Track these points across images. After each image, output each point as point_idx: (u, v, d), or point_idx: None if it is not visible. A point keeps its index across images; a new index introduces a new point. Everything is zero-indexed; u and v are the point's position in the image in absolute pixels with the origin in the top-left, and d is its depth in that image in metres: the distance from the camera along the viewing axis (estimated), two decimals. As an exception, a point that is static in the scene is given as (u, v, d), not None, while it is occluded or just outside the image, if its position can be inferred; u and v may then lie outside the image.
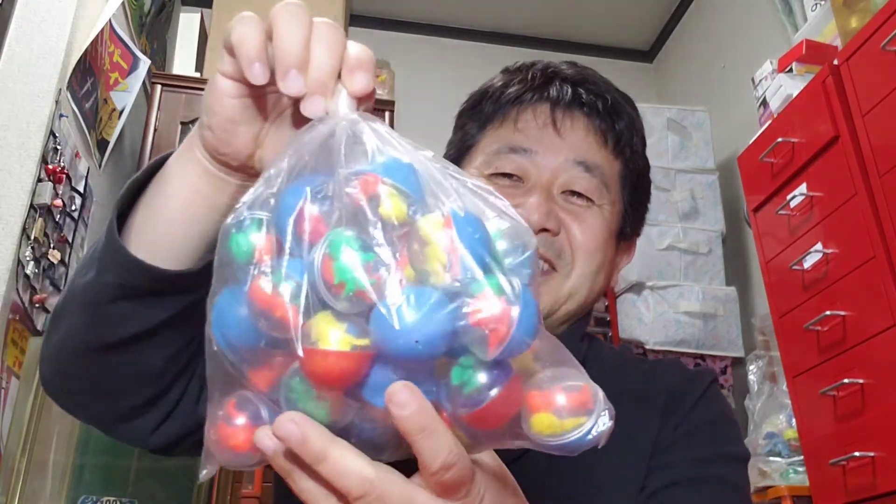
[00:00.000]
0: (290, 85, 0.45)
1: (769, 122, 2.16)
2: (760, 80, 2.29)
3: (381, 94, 2.86)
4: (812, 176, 1.92)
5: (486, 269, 0.39)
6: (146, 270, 0.56)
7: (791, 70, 2.13)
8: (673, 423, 0.79)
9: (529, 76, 0.86)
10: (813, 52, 2.11)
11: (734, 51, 3.10)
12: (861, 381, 1.69)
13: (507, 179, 0.82)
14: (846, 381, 1.71)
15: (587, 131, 0.83)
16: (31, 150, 1.73)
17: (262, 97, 0.52)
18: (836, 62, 1.87)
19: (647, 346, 2.62)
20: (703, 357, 2.70)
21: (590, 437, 0.40)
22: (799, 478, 2.02)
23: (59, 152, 1.83)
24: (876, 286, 1.67)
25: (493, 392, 0.39)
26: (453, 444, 0.39)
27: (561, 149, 0.82)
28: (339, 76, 0.47)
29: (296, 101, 0.47)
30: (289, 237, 0.41)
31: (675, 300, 2.67)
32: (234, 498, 1.90)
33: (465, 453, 0.40)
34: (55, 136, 1.81)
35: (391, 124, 2.68)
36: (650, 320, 2.65)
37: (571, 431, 0.40)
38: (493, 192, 0.44)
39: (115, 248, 0.56)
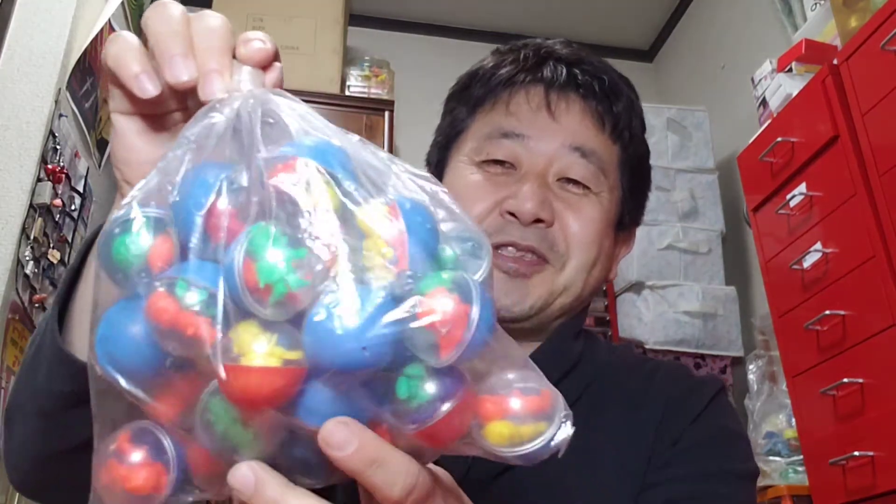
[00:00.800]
0: (177, 72, 0.40)
1: (769, 121, 2.16)
2: (760, 80, 2.29)
3: (381, 93, 2.86)
4: (812, 175, 1.92)
5: (438, 265, 0.35)
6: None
7: (791, 70, 2.13)
8: (671, 435, 0.74)
9: (521, 56, 0.81)
10: (812, 52, 2.11)
11: (734, 50, 3.10)
12: (861, 380, 1.69)
13: (499, 167, 0.78)
14: (846, 380, 1.71)
15: (583, 114, 0.78)
16: (31, 149, 1.73)
17: (171, 124, 0.46)
18: (835, 62, 1.87)
19: (647, 346, 2.62)
20: (702, 357, 2.70)
21: (551, 445, 0.36)
22: (798, 477, 2.02)
23: (58, 152, 1.83)
24: (875, 286, 1.67)
25: (447, 406, 0.34)
26: (409, 465, 0.35)
27: (556, 133, 0.77)
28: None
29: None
30: (196, 236, 0.34)
31: (675, 300, 2.67)
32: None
33: (422, 468, 0.36)
34: (55, 136, 1.81)
35: (391, 124, 2.68)
36: (650, 320, 2.65)
37: (531, 441, 0.36)
38: (438, 183, 0.39)
39: (61, 356, 0.51)
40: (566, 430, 0.37)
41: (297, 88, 2.52)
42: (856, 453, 1.65)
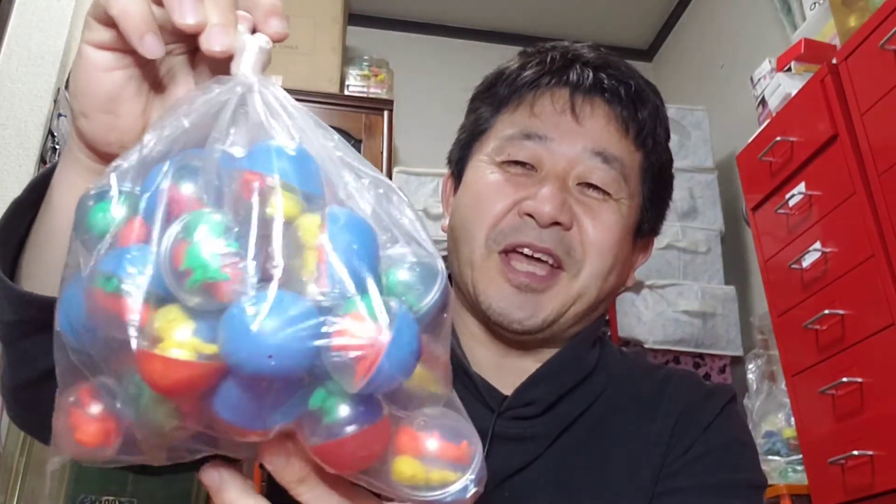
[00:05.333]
0: (186, 12, 0.39)
1: (768, 120, 2.16)
2: (759, 79, 2.29)
3: (380, 93, 2.86)
4: (811, 175, 1.92)
5: (362, 287, 0.33)
6: (37, 302, 0.49)
7: (790, 69, 2.13)
8: (684, 444, 0.75)
9: (548, 59, 0.80)
10: (811, 51, 2.11)
11: (733, 50, 3.10)
12: (860, 380, 1.69)
13: (519, 167, 0.77)
14: (845, 379, 1.71)
15: (608, 119, 0.78)
16: (30, 149, 1.72)
17: (143, 64, 0.45)
18: (834, 61, 1.87)
19: (647, 345, 2.62)
20: (701, 356, 2.70)
21: (450, 499, 0.35)
22: (798, 477, 2.02)
23: (57, 151, 1.82)
24: (874, 285, 1.67)
25: (352, 429, 0.33)
26: (338, 500, 0.37)
27: (578, 137, 0.76)
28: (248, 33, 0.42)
29: (191, 55, 0.44)
30: (151, 219, 0.34)
31: (674, 299, 2.67)
32: (233, 497, 1.90)
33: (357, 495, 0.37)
34: (54, 136, 1.80)
35: (390, 123, 2.68)
36: (649, 319, 2.64)
37: (435, 489, 0.34)
38: (399, 192, 0.38)
39: (2, 284, 0.51)
40: (472, 488, 0.35)
41: (296, 87, 2.51)
42: (855, 452, 1.65)
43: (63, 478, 1.76)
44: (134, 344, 0.32)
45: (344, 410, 0.33)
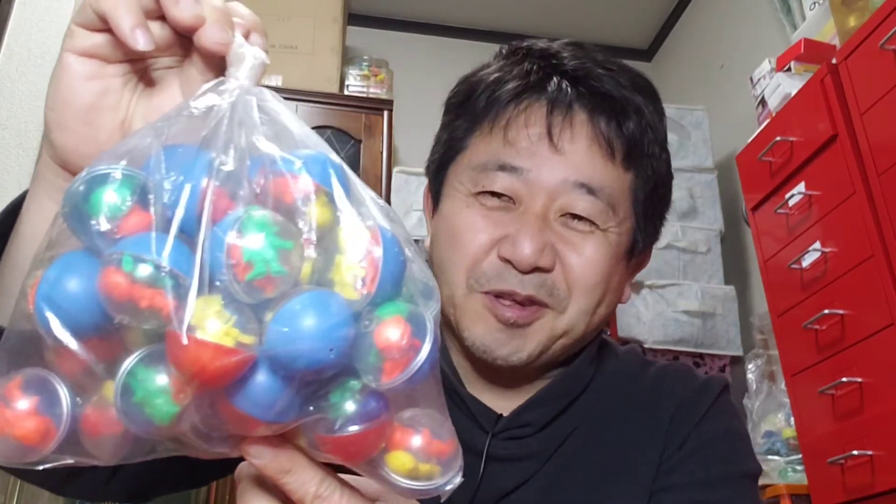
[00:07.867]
0: (183, 6, 0.40)
1: (767, 120, 2.16)
2: (759, 79, 2.29)
3: (380, 93, 2.86)
4: (810, 175, 1.92)
5: (403, 295, 0.37)
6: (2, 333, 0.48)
7: (789, 69, 2.13)
8: (678, 439, 0.74)
9: (525, 70, 0.74)
10: (811, 51, 2.10)
11: (733, 50, 3.10)
12: (859, 379, 1.69)
13: (496, 199, 0.71)
14: (844, 379, 1.71)
15: (590, 142, 0.71)
16: (29, 149, 1.72)
17: (124, 74, 0.45)
18: (834, 61, 1.87)
19: (646, 345, 2.62)
20: (701, 356, 2.70)
21: (438, 490, 0.39)
22: (797, 476, 2.02)
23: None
24: (874, 285, 1.67)
25: (358, 427, 0.36)
26: (321, 478, 0.38)
27: (558, 166, 0.70)
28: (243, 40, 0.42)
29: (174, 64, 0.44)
30: (181, 211, 0.34)
31: (674, 299, 2.67)
32: (233, 499, 1.90)
33: (345, 489, 0.39)
34: (53, 136, 1.80)
35: (390, 123, 2.68)
36: (649, 319, 2.64)
37: (424, 479, 0.38)
38: (398, 219, 0.40)
39: None
40: (455, 482, 0.39)
41: (296, 88, 2.51)
42: (854, 452, 1.65)
43: (63, 478, 1.75)
44: (180, 329, 0.32)
45: (359, 406, 0.36)
